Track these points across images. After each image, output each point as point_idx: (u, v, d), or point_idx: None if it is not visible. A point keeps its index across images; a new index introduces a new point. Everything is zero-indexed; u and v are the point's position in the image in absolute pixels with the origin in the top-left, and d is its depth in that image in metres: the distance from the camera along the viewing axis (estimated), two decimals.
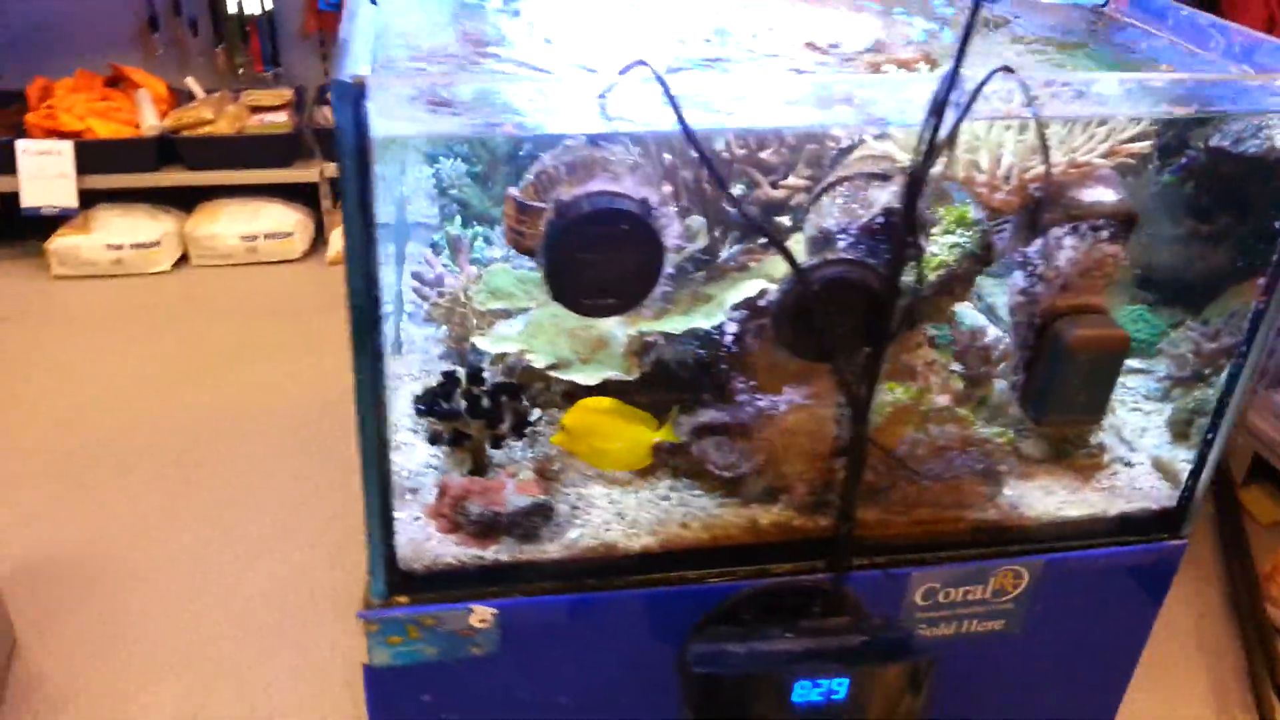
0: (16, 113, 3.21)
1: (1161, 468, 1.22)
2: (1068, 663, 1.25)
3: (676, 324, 1.00)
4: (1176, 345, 1.32)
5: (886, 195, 0.94)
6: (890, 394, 1.12)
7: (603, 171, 0.88)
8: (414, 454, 1.15)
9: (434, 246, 1.30)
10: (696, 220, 1.06)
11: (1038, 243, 0.97)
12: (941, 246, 1.10)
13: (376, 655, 1.05)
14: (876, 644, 1.04)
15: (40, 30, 3.37)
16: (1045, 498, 1.16)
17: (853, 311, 0.93)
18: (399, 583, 1.03)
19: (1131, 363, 1.38)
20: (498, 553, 1.05)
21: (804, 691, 1.02)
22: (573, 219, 0.84)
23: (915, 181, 0.87)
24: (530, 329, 1.12)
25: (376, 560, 1.01)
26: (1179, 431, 1.26)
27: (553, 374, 1.08)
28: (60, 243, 3.15)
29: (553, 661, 1.10)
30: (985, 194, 0.96)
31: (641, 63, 0.81)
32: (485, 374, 1.10)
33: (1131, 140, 0.96)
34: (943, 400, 1.13)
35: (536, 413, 1.14)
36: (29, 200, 3.09)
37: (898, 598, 1.13)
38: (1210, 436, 1.13)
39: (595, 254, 0.85)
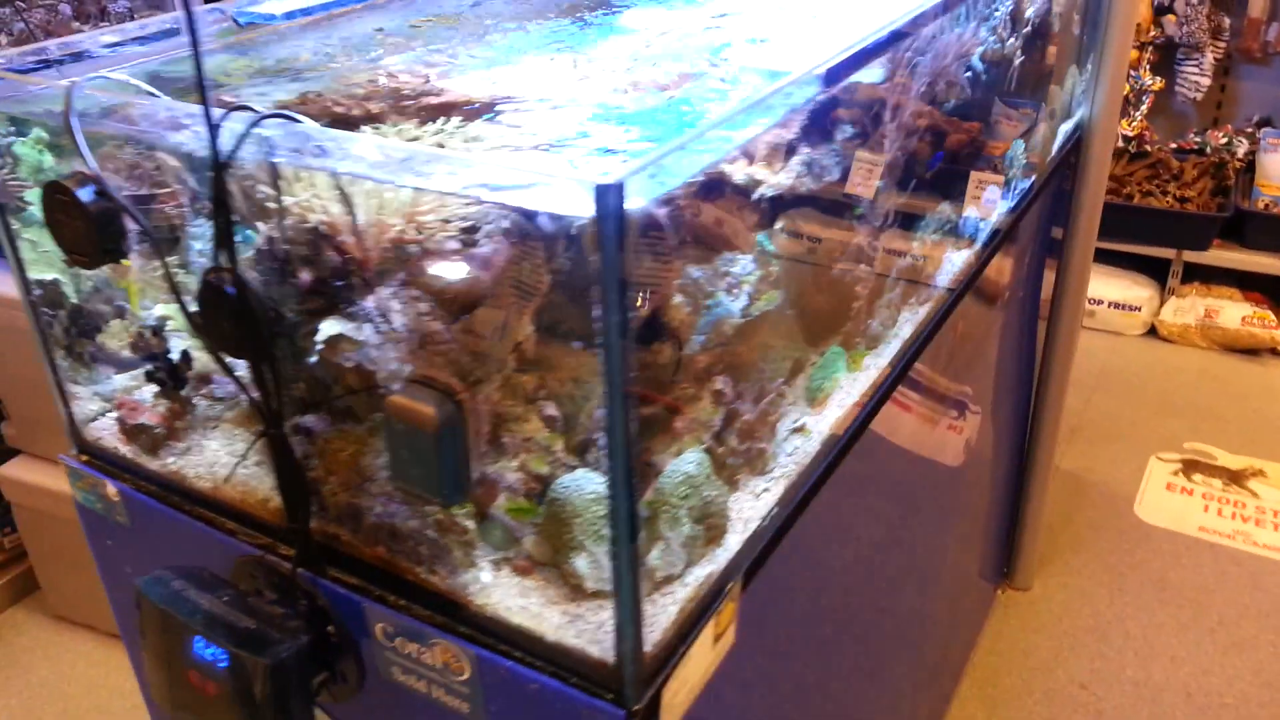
0: None
1: None
2: None
3: None
4: None
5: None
6: None
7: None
8: None
9: None
10: None
11: (371, 299, 0.95)
12: None
13: (75, 492, 1.43)
14: (256, 634, 1.12)
15: None
16: (510, 595, 1.08)
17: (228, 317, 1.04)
18: (81, 443, 1.40)
19: None
20: (125, 450, 1.35)
21: (200, 648, 1.14)
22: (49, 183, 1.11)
23: (218, 211, 0.96)
24: None
25: (65, 420, 1.39)
26: None
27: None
28: None
29: (157, 553, 1.36)
30: (349, 246, 0.97)
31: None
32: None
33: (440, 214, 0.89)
34: None
35: None
36: None
37: (362, 624, 1.16)
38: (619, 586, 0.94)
39: (59, 215, 1.11)
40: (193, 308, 1.11)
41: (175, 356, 1.28)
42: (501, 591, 1.08)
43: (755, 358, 1.23)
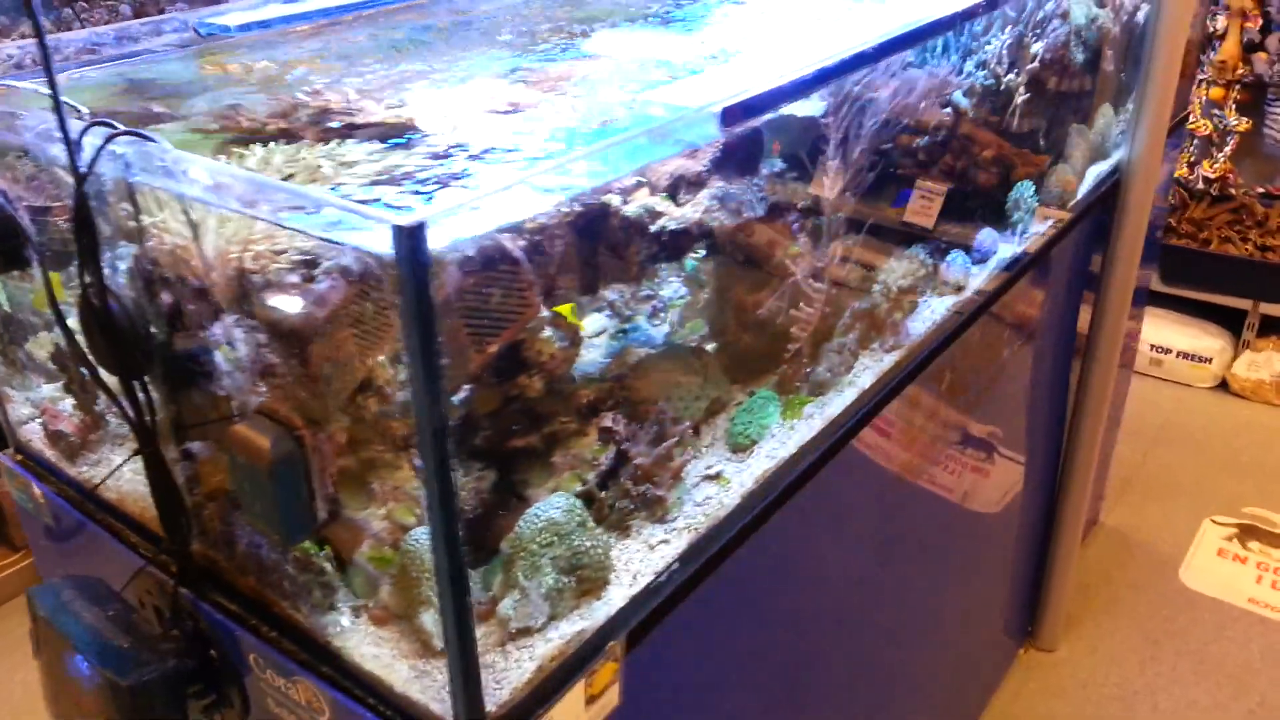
0: None
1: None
2: None
3: None
4: None
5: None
6: None
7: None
8: None
9: None
10: None
11: (217, 329, 0.93)
12: None
13: (12, 490, 1.45)
14: (127, 654, 1.10)
15: None
16: (365, 642, 1.03)
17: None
18: (16, 444, 1.41)
19: None
20: (50, 455, 1.36)
21: (78, 662, 1.13)
22: None
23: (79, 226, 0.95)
24: None
25: (2, 420, 1.41)
26: None
27: None
28: None
29: (75, 556, 1.37)
30: (200, 271, 0.95)
31: None
32: None
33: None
34: None
35: None
36: None
37: (238, 653, 1.14)
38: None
39: None
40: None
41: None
42: (359, 638, 1.04)
43: (657, 393, 1.17)
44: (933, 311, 1.63)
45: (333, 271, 0.87)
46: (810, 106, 1.26)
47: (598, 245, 1.10)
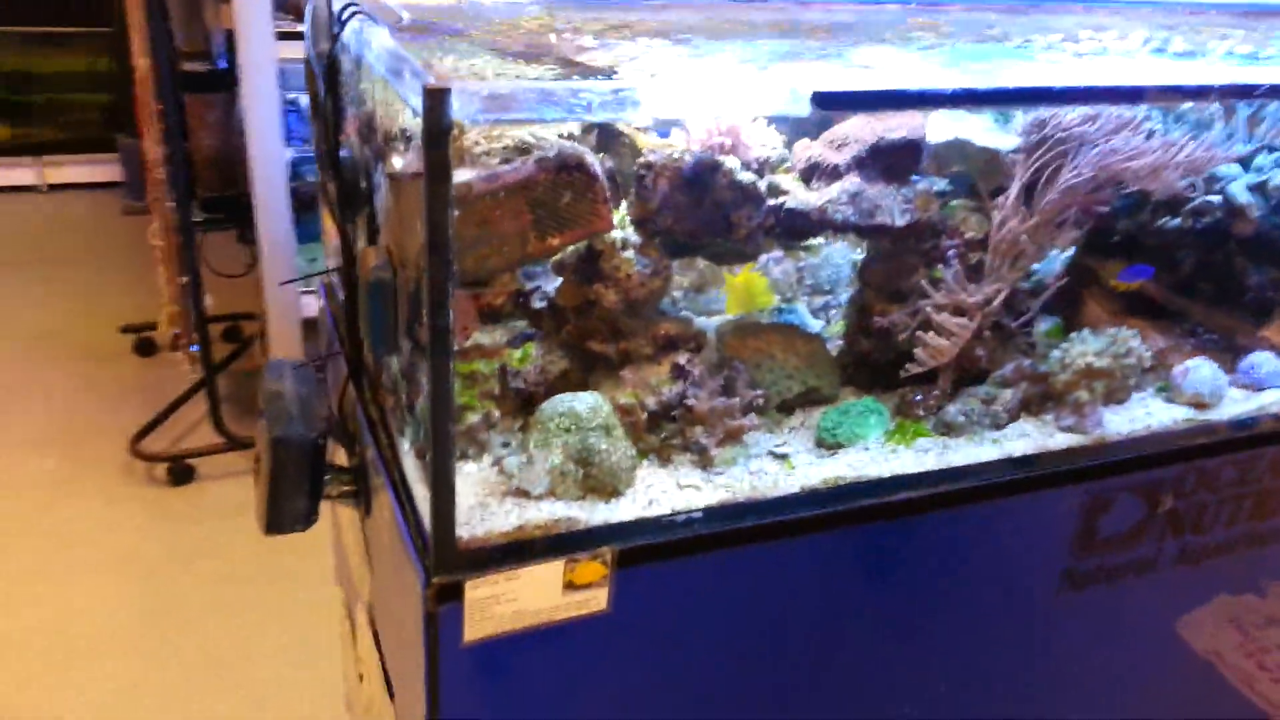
0: None
1: None
2: None
3: None
4: None
5: None
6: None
7: None
8: None
9: None
10: None
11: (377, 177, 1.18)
12: None
13: (317, 290, 1.86)
14: (289, 420, 1.40)
15: None
16: (409, 465, 1.24)
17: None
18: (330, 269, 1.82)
19: None
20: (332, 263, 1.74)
21: (263, 418, 1.46)
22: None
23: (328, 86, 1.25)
24: None
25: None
26: None
27: None
28: None
29: (329, 344, 1.74)
30: (375, 132, 1.20)
31: None
32: None
33: None
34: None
35: None
36: None
37: (365, 457, 1.40)
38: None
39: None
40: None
41: None
42: (409, 461, 1.25)
43: (746, 357, 1.22)
44: (1149, 414, 1.48)
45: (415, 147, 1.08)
46: (1001, 140, 1.24)
47: (703, 200, 1.19)
